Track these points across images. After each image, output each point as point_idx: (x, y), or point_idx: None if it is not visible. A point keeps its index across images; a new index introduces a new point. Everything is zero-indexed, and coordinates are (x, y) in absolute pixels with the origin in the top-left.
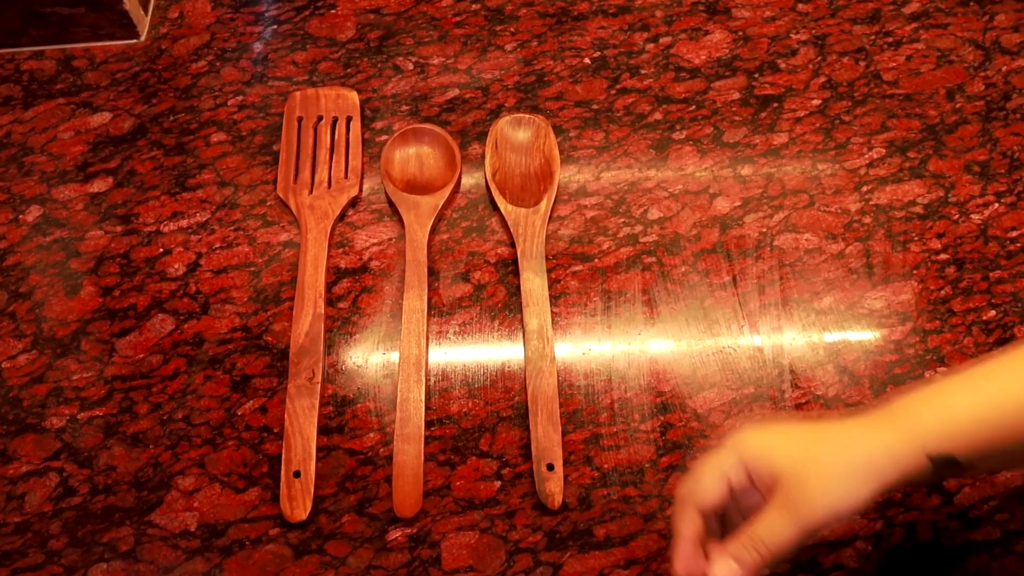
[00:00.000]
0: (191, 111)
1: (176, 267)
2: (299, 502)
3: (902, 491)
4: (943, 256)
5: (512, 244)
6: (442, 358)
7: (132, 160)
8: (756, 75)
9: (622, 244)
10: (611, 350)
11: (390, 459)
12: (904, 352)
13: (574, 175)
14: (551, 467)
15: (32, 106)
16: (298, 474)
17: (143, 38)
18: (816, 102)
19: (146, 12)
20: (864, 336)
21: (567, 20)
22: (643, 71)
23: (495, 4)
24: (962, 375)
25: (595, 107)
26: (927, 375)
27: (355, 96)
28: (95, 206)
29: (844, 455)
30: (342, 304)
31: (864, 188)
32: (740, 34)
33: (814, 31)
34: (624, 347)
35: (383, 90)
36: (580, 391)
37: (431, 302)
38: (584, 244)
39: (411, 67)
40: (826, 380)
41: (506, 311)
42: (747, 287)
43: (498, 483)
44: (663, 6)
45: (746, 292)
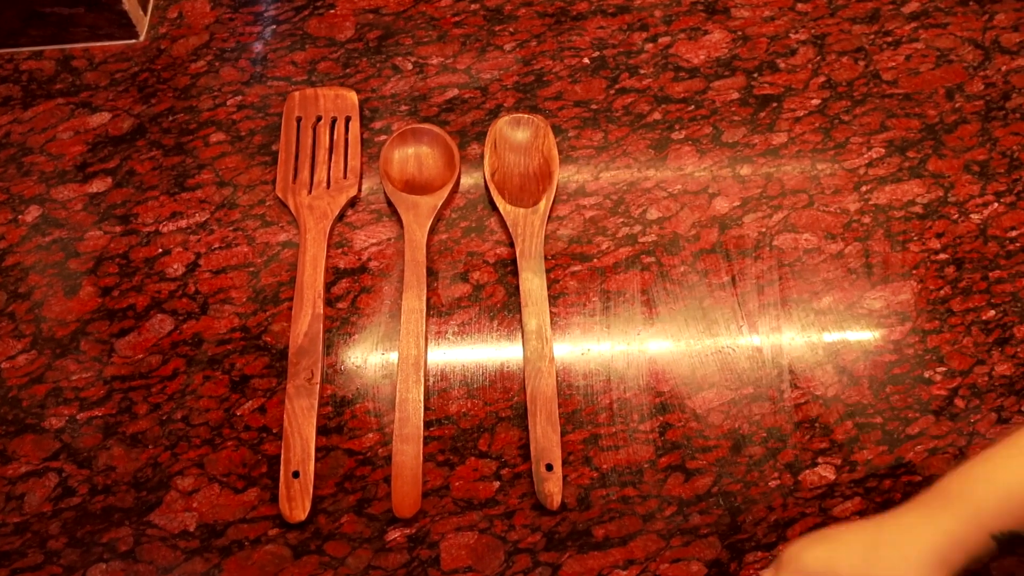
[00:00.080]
0: (190, 111)
1: (175, 267)
2: (298, 502)
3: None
4: (942, 256)
5: (511, 244)
6: (441, 358)
7: (131, 160)
8: (755, 75)
9: (621, 244)
10: (610, 350)
11: (389, 459)
12: (903, 352)
13: (573, 175)
14: (550, 467)
15: (31, 106)
16: (297, 474)
17: (142, 38)
18: (815, 102)
19: (145, 12)
20: (863, 336)
21: (566, 20)
22: (642, 71)
23: (494, 4)
24: (1008, 447)
25: (594, 107)
26: (927, 374)
27: (354, 96)
28: (94, 206)
29: (910, 552)
30: (341, 304)
31: (863, 188)
32: (739, 34)
33: (813, 31)
34: (623, 347)
35: (382, 90)
36: (579, 391)
37: (430, 302)
38: (583, 244)
39: (410, 67)
40: (825, 380)
41: (505, 311)
42: (746, 287)
43: (497, 483)
44: (662, 6)
45: (745, 292)
